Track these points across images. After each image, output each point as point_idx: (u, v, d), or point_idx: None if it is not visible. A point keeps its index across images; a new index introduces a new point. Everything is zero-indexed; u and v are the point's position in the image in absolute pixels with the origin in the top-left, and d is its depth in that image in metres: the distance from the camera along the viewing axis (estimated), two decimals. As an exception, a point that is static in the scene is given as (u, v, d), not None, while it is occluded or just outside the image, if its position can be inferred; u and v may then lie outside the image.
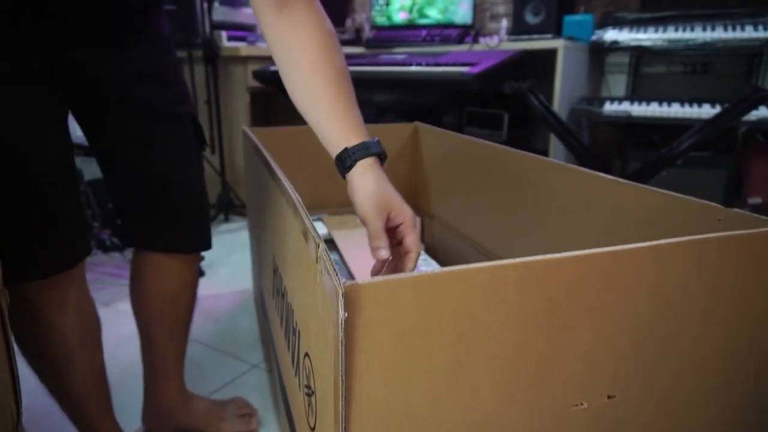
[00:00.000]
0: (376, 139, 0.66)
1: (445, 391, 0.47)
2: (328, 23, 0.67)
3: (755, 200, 1.99)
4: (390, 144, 1.62)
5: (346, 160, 0.65)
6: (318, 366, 0.52)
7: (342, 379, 0.43)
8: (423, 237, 1.62)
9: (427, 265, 1.36)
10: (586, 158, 1.63)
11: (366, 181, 0.64)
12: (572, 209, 0.94)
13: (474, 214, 1.32)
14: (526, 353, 0.49)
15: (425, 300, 0.44)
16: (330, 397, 0.45)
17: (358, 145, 0.64)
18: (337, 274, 0.43)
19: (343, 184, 0.65)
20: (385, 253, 0.62)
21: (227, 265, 1.88)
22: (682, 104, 1.91)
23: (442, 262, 1.44)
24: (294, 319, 0.68)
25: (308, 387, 0.58)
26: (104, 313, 0.91)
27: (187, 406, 1.05)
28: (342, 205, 1.63)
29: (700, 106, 1.87)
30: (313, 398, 0.56)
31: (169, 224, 0.90)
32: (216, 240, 0.99)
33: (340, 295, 0.40)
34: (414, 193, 1.68)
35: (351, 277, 1.26)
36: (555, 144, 1.99)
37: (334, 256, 1.38)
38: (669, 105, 1.91)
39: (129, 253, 1.15)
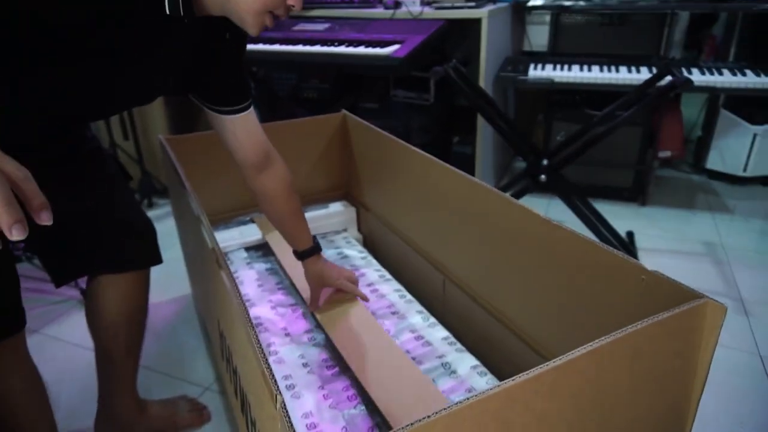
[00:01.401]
0: (317, 241, 1.10)
1: None
2: (289, 174, 0.99)
3: (665, 153, 2.13)
4: (319, 136, 1.58)
5: (303, 255, 1.09)
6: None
7: None
8: (359, 227, 1.62)
9: (367, 265, 1.38)
10: (512, 140, 1.66)
11: (313, 267, 1.12)
12: (508, 238, 0.97)
13: (408, 217, 1.34)
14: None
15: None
16: None
17: (308, 249, 1.09)
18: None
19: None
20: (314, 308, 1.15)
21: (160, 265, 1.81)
22: (601, 68, 1.96)
23: (379, 256, 1.46)
24: (252, 416, 0.68)
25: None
26: (34, 340, 0.89)
27: (143, 414, 1.13)
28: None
29: (617, 70, 1.93)
30: None
31: (118, 245, 0.97)
32: None
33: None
34: (347, 184, 1.66)
35: (292, 284, 1.26)
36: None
37: (269, 263, 1.37)
38: (589, 69, 1.96)
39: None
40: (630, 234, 1.92)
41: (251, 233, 1.46)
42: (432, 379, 0.98)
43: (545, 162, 1.64)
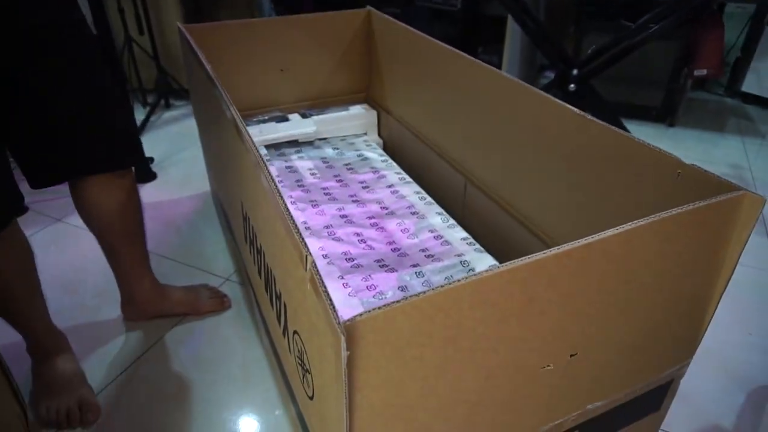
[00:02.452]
0: None
1: (435, 383, 0.52)
2: None
3: (701, 72, 2.03)
4: (342, 33, 1.51)
5: None
6: (315, 362, 0.55)
7: (345, 396, 0.47)
8: (380, 132, 1.59)
9: (388, 167, 1.37)
10: (543, 44, 1.58)
11: None
12: (536, 135, 0.94)
13: (431, 119, 1.30)
14: (505, 341, 0.54)
15: (416, 319, 0.47)
16: (333, 404, 0.49)
17: None
18: (333, 308, 0.44)
19: (296, 78, 0.66)
20: None
21: (178, 164, 1.82)
22: (643, -27, 1.83)
23: (399, 161, 1.45)
24: (277, 289, 0.70)
25: (302, 362, 0.62)
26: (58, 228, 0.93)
27: (163, 298, 1.17)
28: (298, 100, 1.56)
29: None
30: (308, 377, 0.61)
31: (98, 146, 0.90)
32: (162, 132, 1.01)
33: (343, 340, 0.42)
34: (369, 86, 1.61)
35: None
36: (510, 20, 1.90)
37: (289, 162, 1.36)
38: (630, -26, 1.83)
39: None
40: (655, 153, 1.87)
41: (270, 131, 1.44)
42: (450, 276, 0.99)
43: (575, 71, 1.58)
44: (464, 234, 1.12)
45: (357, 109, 1.57)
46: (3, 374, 0.54)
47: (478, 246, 1.08)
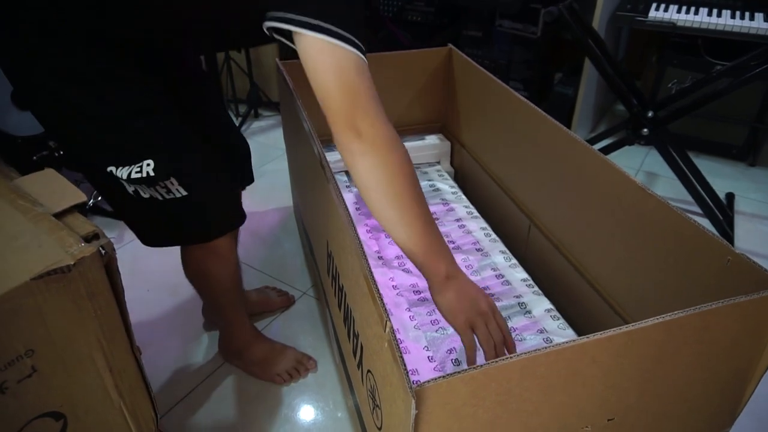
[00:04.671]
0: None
1: (485, 435, 0.62)
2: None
3: (789, 113, 1.97)
4: (423, 68, 1.61)
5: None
6: (386, 404, 0.67)
7: (410, 442, 0.58)
8: (452, 161, 1.69)
9: (457, 200, 1.46)
10: (619, 89, 1.61)
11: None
12: (598, 196, 1.01)
13: (501, 158, 1.38)
14: (548, 405, 0.63)
15: (472, 387, 0.57)
16: (399, 445, 0.60)
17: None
18: (406, 374, 0.55)
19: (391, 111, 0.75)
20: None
21: (265, 175, 1.99)
22: (733, 14, 1.80)
23: (468, 191, 1.53)
24: (355, 329, 0.82)
25: (373, 397, 0.74)
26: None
27: (247, 302, 1.28)
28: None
29: (752, 17, 1.77)
30: (378, 411, 0.72)
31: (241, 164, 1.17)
32: (251, 142, 1.21)
33: (413, 403, 0.53)
34: (444, 118, 1.70)
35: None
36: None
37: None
38: (719, 14, 1.80)
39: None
40: (730, 196, 1.85)
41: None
42: (508, 317, 1.08)
43: (650, 114, 1.59)
44: (524, 275, 1.20)
45: (432, 139, 1.67)
46: (143, 382, 0.70)
47: (536, 288, 1.16)
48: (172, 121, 0.86)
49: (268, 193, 1.89)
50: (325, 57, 0.68)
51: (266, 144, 2.22)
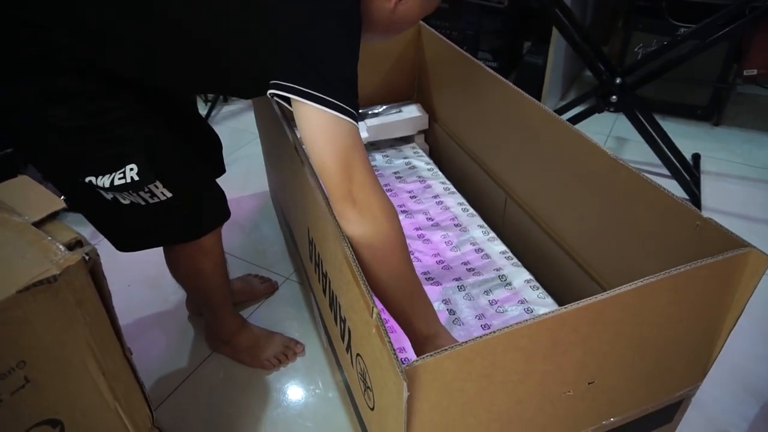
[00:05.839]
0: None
1: (473, 407, 0.65)
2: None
3: (751, 71, 2.03)
4: (393, 45, 1.60)
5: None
6: (377, 386, 0.69)
7: (405, 422, 0.60)
8: (426, 138, 1.69)
9: (434, 177, 1.48)
10: (586, 55, 1.63)
11: None
12: (569, 170, 1.03)
13: (474, 132, 1.40)
14: (531, 374, 0.66)
15: (459, 362, 0.59)
16: (393, 423, 0.63)
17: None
18: (396, 356, 0.57)
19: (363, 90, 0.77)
20: None
21: (239, 161, 1.97)
22: (694, -25, 1.82)
23: (443, 168, 1.55)
24: (342, 314, 0.83)
25: (364, 379, 0.76)
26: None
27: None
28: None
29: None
30: (370, 392, 0.74)
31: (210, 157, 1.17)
32: (222, 128, 1.22)
33: (405, 386, 0.55)
34: (418, 94, 1.70)
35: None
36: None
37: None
38: (679, -23, 1.83)
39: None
40: (696, 156, 1.90)
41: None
42: (489, 290, 1.11)
43: (618, 80, 1.62)
44: (503, 247, 1.23)
45: (411, 109, 1.63)
46: (136, 382, 0.70)
47: (515, 260, 1.19)
48: (150, 123, 0.85)
49: (243, 179, 1.87)
50: (323, 127, 0.70)
51: (237, 129, 2.19)
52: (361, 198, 0.72)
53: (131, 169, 0.80)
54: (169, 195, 0.86)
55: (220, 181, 1.15)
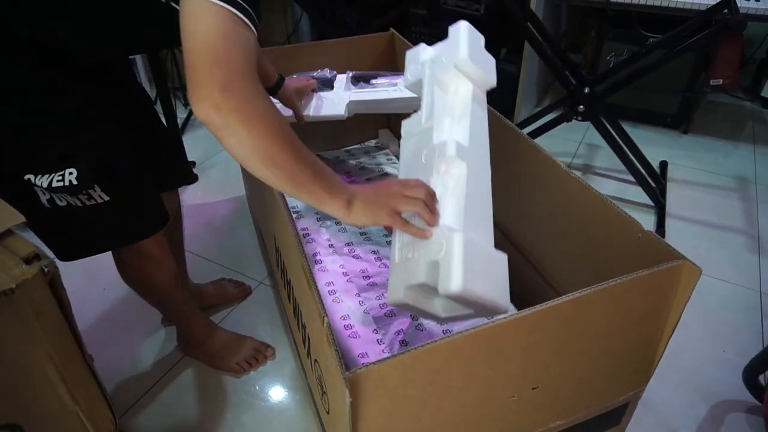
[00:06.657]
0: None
1: (418, 412, 0.69)
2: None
3: (717, 81, 2.08)
4: (367, 54, 1.63)
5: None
6: (330, 391, 0.72)
7: (350, 425, 0.63)
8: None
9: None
10: (556, 69, 1.67)
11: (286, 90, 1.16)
12: (528, 181, 1.08)
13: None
14: (475, 380, 0.70)
15: (402, 370, 0.63)
16: (342, 429, 0.66)
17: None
18: (341, 363, 0.60)
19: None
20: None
21: (217, 166, 1.99)
22: (662, -11, 1.88)
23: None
24: (303, 321, 0.87)
25: (321, 384, 0.80)
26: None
27: (201, 296, 1.35)
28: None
29: (679, -9, 1.85)
30: (326, 397, 0.78)
31: (179, 164, 1.16)
32: (201, 132, 1.32)
33: (347, 394, 0.58)
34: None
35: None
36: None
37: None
38: (648, -11, 1.88)
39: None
40: (664, 164, 1.96)
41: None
42: (451, 295, 1.14)
43: (587, 90, 1.67)
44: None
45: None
46: (98, 386, 0.73)
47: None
48: (97, 127, 0.85)
49: (220, 183, 1.90)
50: (199, 16, 0.61)
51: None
52: (226, 101, 0.64)
53: (70, 173, 0.80)
54: (107, 199, 0.86)
55: (198, 183, 1.17)
